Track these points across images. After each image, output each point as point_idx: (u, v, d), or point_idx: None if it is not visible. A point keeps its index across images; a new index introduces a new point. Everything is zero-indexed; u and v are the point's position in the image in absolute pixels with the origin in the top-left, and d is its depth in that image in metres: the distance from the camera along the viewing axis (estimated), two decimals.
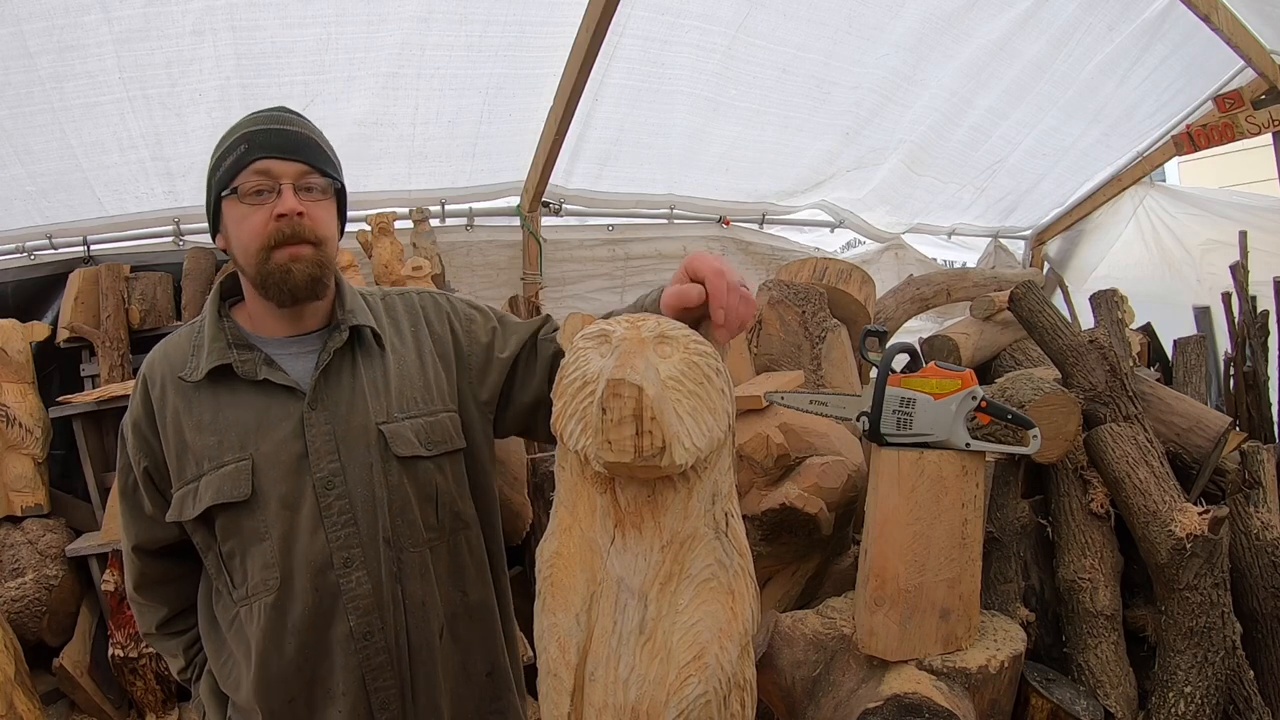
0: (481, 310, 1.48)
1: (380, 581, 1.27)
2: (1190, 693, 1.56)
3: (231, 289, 1.41)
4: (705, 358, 1.02)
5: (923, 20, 3.30)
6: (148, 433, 1.32)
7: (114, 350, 2.76)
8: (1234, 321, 2.81)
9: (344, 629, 1.26)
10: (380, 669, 1.27)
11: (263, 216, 1.27)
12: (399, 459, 1.30)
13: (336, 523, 1.26)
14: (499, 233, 3.56)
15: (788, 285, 2.50)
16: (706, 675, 0.98)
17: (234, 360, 1.29)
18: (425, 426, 1.33)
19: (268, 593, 1.25)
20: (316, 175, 1.31)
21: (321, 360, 1.31)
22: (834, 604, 1.69)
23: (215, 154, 1.32)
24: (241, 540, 1.27)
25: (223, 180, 1.29)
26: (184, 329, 1.39)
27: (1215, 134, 3.93)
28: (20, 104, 2.46)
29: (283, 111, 1.35)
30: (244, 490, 1.25)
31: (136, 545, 1.38)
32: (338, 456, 1.28)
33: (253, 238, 1.27)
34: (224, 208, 1.30)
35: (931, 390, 1.46)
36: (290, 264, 1.27)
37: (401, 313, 1.43)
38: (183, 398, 1.30)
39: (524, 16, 2.77)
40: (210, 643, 1.37)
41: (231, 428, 1.28)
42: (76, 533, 2.73)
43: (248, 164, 1.27)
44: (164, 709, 2.55)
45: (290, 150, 1.29)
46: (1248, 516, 1.81)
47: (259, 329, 1.36)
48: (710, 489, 1.04)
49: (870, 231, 4.61)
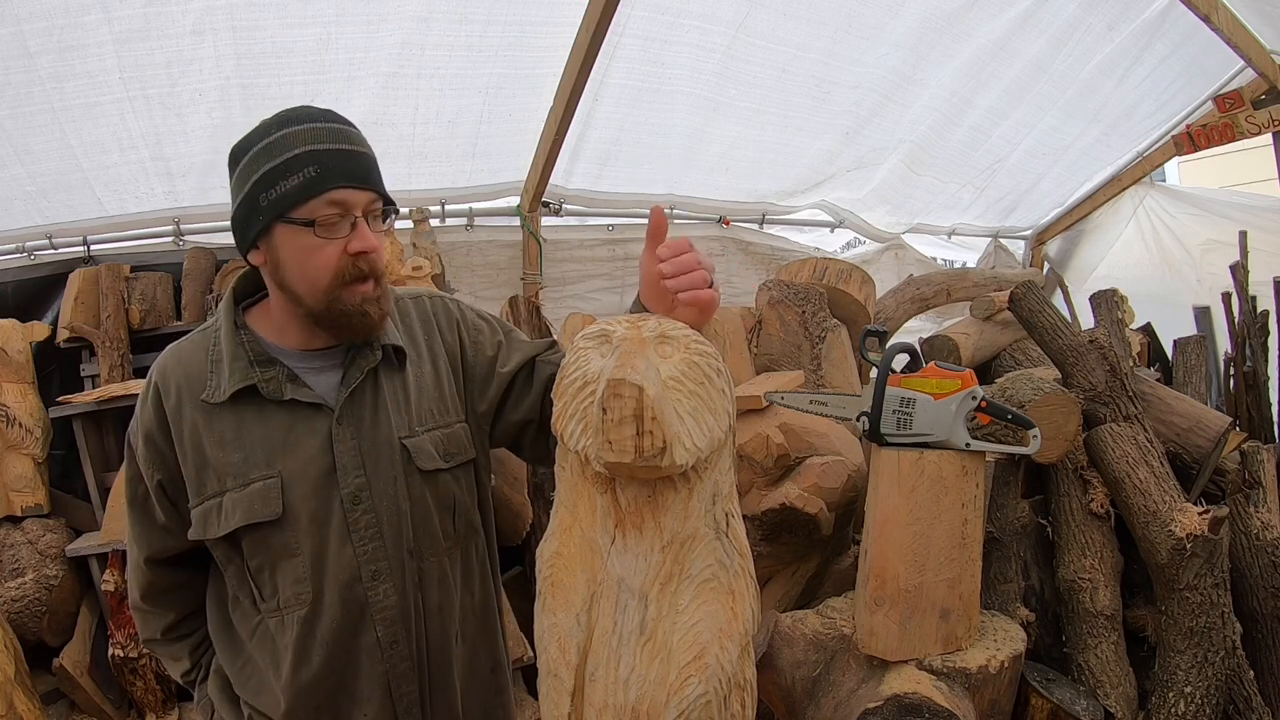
0: (489, 322, 1.46)
1: (405, 591, 1.28)
2: (1190, 693, 1.56)
3: (245, 292, 1.36)
4: (706, 358, 1.02)
5: (922, 20, 3.30)
6: (162, 445, 1.28)
7: (114, 350, 2.76)
8: (1234, 321, 2.81)
9: (370, 639, 1.27)
10: (404, 675, 1.29)
11: (336, 251, 1.20)
12: (421, 472, 1.30)
13: (364, 536, 1.26)
14: (499, 233, 3.56)
15: (788, 285, 2.50)
16: (707, 675, 0.98)
17: (258, 380, 1.25)
18: (443, 438, 1.34)
19: (300, 606, 1.25)
20: (380, 203, 1.26)
21: (352, 377, 1.29)
22: (834, 604, 1.69)
23: (263, 162, 1.20)
24: (271, 556, 1.26)
25: (285, 203, 1.19)
26: (197, 336, 1.34)
27: (1215, 134, 3.93)
28: (20, 104, 2.46)
29: (343, 124, 1.26)
30: (275, 509, 1.23)
31: (148, 558, 1.36)
32: (364, 471, 1.27)
33: (324, 273, 1.21)
34: (278, 230, 1.21)
35: (931, 390, 1.46)
36: (364, 304, 1.24)
37: (415, 320, 1.41)
38: (202, 414, 1.26)
39: (524, 16, 2.77)
40: (223, 646, 1.36)
41: (257, 445, 1.25)
42: (76, 533, 2.73)
43: (322, 192, 1.19)
44: (164, 709, 2.55)
45: (363, 178, 1.23)
46: (1248, 516, 1.81)
47: (281, 339, 1.31)
48: (710, 489, 1.04)
49: (870, 231, 4.61)
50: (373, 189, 1.24)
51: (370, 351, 1.31)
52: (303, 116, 1.23)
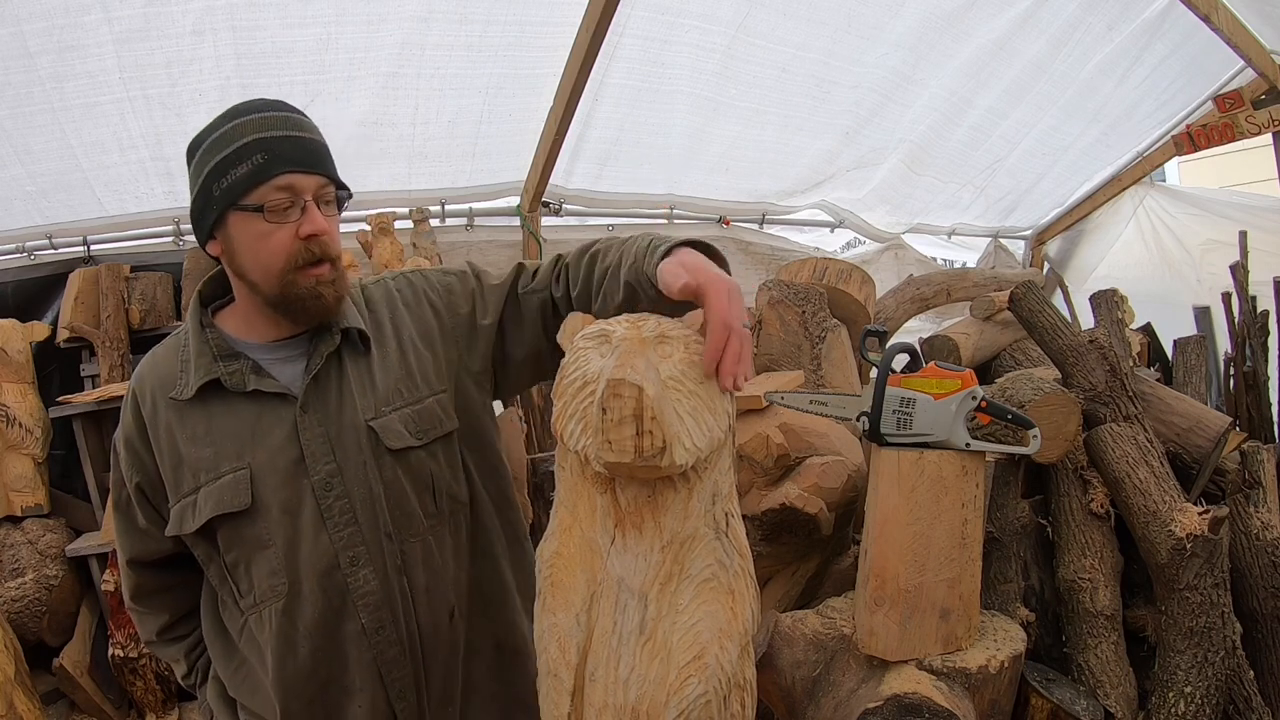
0: (459, 275, 1.44)
1: (386, 575, 1.28)
2: (1190, 693, 1.56)
3: (211, 295, 1.38)
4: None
5: (922, 20, 3.30)
6: (140, 448, 1.31)
7: (114, 350, 2.76)
8: (1234, 321, 2.80)
9: (355, 626, 1.26)
10: (394, 660, 1.28)
11: (287, 235, 1.22)
12: (391, 452, 1.29)
13: (339, 523, 1.26)
14: (499, 233, 3.57)
15: (788, 285, 2.50)
16: (706, 675, 0.98)
17: (221, 373, 1.27)
18: (413, 415, 1.32)
19: (276, 599, 1.25)
20: (331, 187, 1.28)
21: (313, 364, 1.29)
22: (834, 604, 1.69)
23: (215, 153, 1.23)
24: (245, 549, 1.26)
25: (235, 191, 1.21)
26: (170, 341, 1.37)
27: (1215, 134, 3.93)
28: (20, 104, 2.47)
29: (292, 113, 1.29)
30: (244, 499, 1.24)
31: (132, 559, 1.38)
32: (333, 457, 1.27)
33: (276, 257, 1.23)
34: (231, 218, 1.23)
35: (931, 390, 1.46)
36: (318, 286, 1.25)
37: (379, 302, 1.41)
38: (175, 413, 1.28)
39: (524, 16, 2.78)
40: (218, 650, 1.37)
41: (226, 438, 1.27)
42: (76, 533, 2.73)
43: (270, 178, 1.20)
44: (164, 709, 2.55)
45: (311, 163, 1.24)
46: (1248, 516, 1.80)
47: (248, 334, 1.33)
48: (710, 489, 1.04)
49: (870, 231, 4.61)
50: (322, 173, 1.25)
51: (329, 336, 1.31)
52: (252, 108, 1.26)
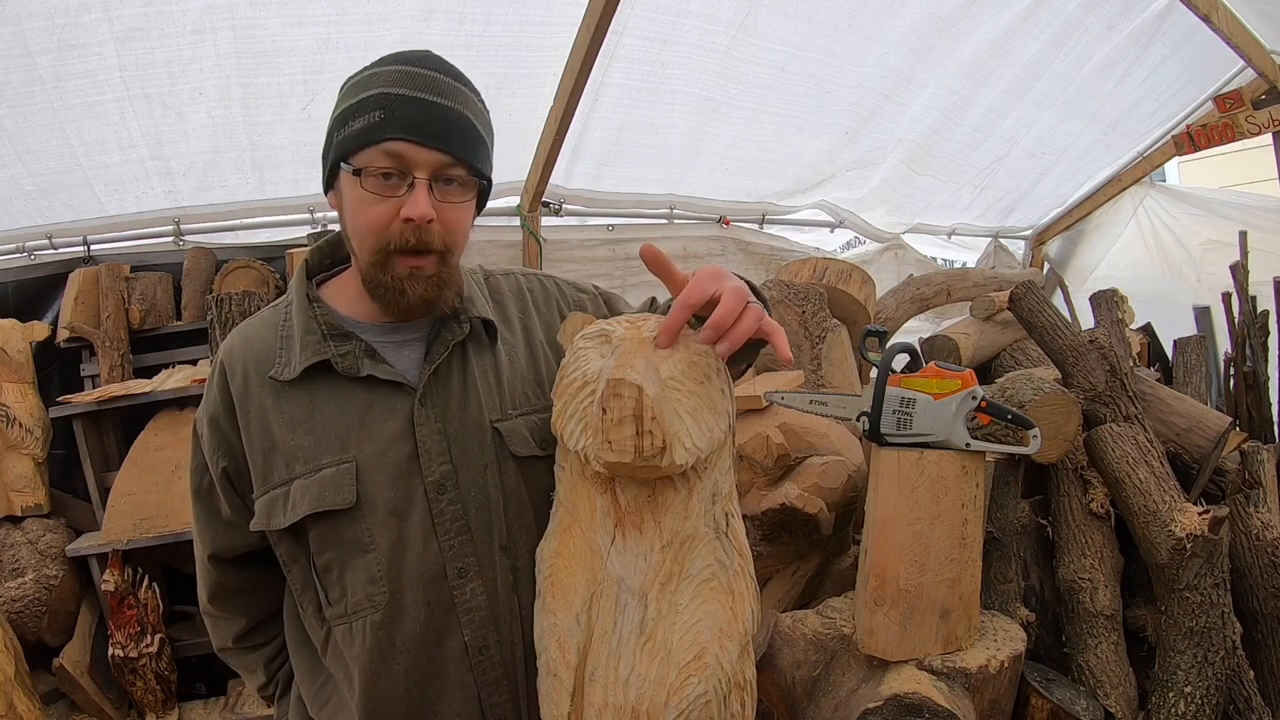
0: (589, 293, 1.34)
1: (496, 591, 1.15)
2: (1190, 693, 1.56)
3: (318, 265, 1.25)
4: (705, 357, 1.02)
5: (922, 19, 3.30)
6: (227, 429, 1.17)
7: (114, 350, 2.76)
8: (1234, 321, 2.81)
9: (458, 644, 1.14)
10: (495, 684, 1.15)
11: (386, 212, 1.07)
12: (516, 459, 1.17)
13: (450, 530, 1.13)
14: (499, 233, 3.56)
15: (788, 285, 2.50)
16: (706, 675, 0.98)
17: (332, 354, 1.13)
18: (539, 424, 1.19)
19: (373, 610, 1.12)
20: (460, 168, 1.10)
21: (436, 353, 1.16)
22: (834, 604, 1.69)
23: (348, 98, 1.10)
24: (341, 552, 1.13)
25: (346, 146, 1.08)
26: (266, 313, 1.23)
27: (1215, 134, 3.93)
28: (20, 103, 2.46)
29: (440, 74, 1.10)
30: (348, 497, 1.11)
31: (213, 554, 1.24)
32: (449, 458, 1.14)
33: (370, 233, 1.09)
34: (342, 175, 1.10)
35: (931, 390, 1.46)
36: (406, 282, 1.10)
37: (508, 295, 1.29)
38: (271, 393, 1.15)
39: (524, 16, 2.77)
40: (301, 664, 1.24)
41: (330, 426, 1.13)
42: (76, 533, 2.73)
43: (378, 141, 1.05)
44: (164, 709, 2.55)
45: (434, 135, 1.06)
46: (1248, 516, 1.80)
47: (358, 311, 1.19)
48: (710, 489, 1.04)
49: (870, 231, 4.61)
50: (447, 151, 1.07)
51: (456, 324, 1.18)
52: (403, 58, 1.11)
